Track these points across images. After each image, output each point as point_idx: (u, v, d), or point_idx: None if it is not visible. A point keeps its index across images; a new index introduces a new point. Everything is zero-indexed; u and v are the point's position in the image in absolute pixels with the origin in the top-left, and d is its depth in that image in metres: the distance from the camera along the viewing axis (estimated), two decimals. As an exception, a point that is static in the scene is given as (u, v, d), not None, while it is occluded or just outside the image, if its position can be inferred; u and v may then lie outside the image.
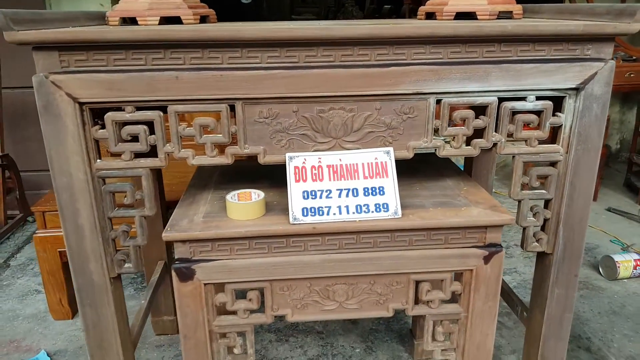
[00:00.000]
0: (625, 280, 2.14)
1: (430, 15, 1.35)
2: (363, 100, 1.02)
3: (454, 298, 1.10)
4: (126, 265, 1.11)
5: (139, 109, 1.00)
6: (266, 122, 1.03)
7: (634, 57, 3.00)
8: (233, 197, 1.06)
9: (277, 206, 1.09)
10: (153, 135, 1.01)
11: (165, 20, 1.15)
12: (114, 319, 1.13)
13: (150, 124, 1.00)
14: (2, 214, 2.66)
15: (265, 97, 1.00)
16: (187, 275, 1.01)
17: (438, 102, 1.04)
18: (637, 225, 2.68)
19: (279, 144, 1.04)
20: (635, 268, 2.14)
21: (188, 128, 1.01)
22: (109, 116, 0.99)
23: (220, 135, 1.02)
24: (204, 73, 0.97)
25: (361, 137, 1.05)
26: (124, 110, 0.99)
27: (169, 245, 1.71)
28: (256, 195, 1.07)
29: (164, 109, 1.00)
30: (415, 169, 1.29)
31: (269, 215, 1.05)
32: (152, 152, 1.02)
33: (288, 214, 1.03)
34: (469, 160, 1.59)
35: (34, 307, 1.98)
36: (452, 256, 1.05)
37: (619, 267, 2.13)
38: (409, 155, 1.07)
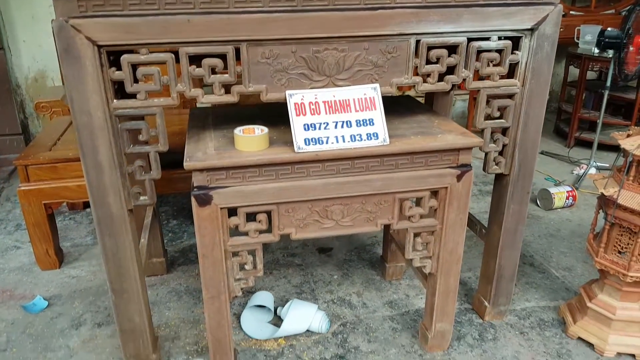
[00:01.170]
0: (559, 210, 2.45)
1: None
2: (353, 41, 1.16)
3: (431, 213, 1.29)
4: (141, 198, 1.22)
5: (152, 52, 1.08)
6: (268, 62, 1.14)
7: (564, 13, 3.29)
8: (240, 131, 1.18)
9: (277, 140, 1.22)
10: (166, 76, 1.11)
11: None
12: (132, 247, 1.24)
13: (163, 68, 1.10)
14: (-39, 177, 2.60)
15: (268, 39, 1.12)
16: (205, 200, 1.13)
17: (417, 42, 1.20)
18: (567, 165, 3.02)
19: (279, 82, 1.17)
20: (567, 198, 2.46)
21: (198, 69, 1.11)
22: (125, 58, 1.07)
23: (227, 75, 1.13)
24: (213, 16, 1.07)
25: (351, 75, 1.20)
26: (138, 52, 1.08)
27: (159, 189, 1.81)
28: (259, 130, 1.19)
29: (174, 53, 1.10)
30: (392, 109, 1.45)
31: (273, 147, 1.18)
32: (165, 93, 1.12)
33: (289, 145, 1.17)
34: (429, 103, 1.78)
35: (17, 260, 2.02)
36: (430, 176, 1.23)
37: (554, 198, 2.43)
38: (393, 90, 1.23)
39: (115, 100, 1.10)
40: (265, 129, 1.18)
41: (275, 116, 1.37)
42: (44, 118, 3.25)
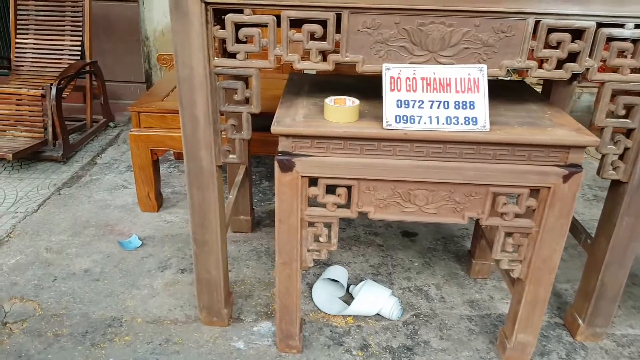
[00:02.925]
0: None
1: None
2: (464, 16, 1.07)
3: (527, 213, 1.18)
4: (230, 156, 1.25)
5: (255, 14, 1.09)
6: (368, 32, 1.09)
7: None
8: (331, 101, 1.15)
9: (368, 114, 1.18)
10: (265, 39, 1.11)
11: None
12: (217, 201, 1.28)
13: (263, 31, 1.10)
14: (89, 118, 2.89)
15: (372, 7, 1.06)
16: (287, 166, 1.13)
17: (536, 23, 1.08)
18: None
19: (377, 54, 1.12)
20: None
21: (297, 34, 1.10)
22: (230, 17, 1.08)
23: (325, 42, 1.10)
24: (318, -20, 1.04)
25: (456, 53, 1.11)
26: (242, 12, 1.08)
27: (254, 149, 1.87)
28: (351, 101, 1.16)
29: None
30: (499, 93, 1.34)
31: (362, 120, 1.14)
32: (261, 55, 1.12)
33: (380, 120, 1.12)
34: (546, 94, 1.61)
35: (122, 199, 2.21)
36: (532, 172, 1.11)
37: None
38: (502, 73, 1.12)
39: (216, 58, 1.13)
40: (357, 101, 1.14)
41: (372, 89, 1.32)
42: (164, 70, 3.48)
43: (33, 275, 1.67)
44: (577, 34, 1.09)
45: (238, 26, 1.11)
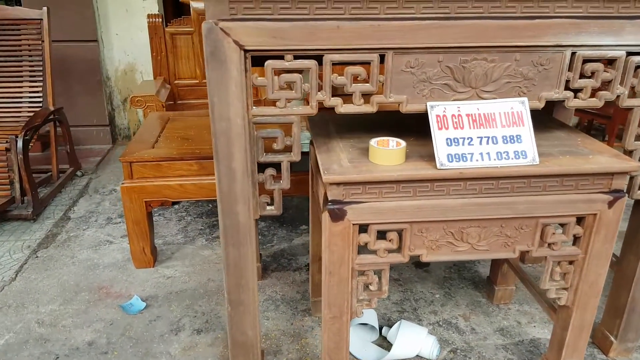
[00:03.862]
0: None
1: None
2: (505, 51, 1.07)
3: (574, 240, 1.18)
4: (268, 207, 1.18)
5: (296, 57, 1.04)
6: (412, 71, 1.07)
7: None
8: (375, 143, 1.11)
9: (411, 153, 1.15)
10: (307, 84, 1.06)
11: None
12: (253, 257, 1.20)
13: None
14: (55, 169, 2.69)
15: (415, 47, 1.05)
16: (338, 215, 1.07)
17: (572, 55, 1.10)
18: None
19: (421, 93, 1.10)
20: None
21: (340, 77, 1.06)
22: (269, 64, 1.03)
23: (368, 84, 1.07)
24: (362, 23, 1.01)
25: (498, 87, 1.11)
26: (283, 58, 1.03)
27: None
28: (394, 142, 1.12)
29: (316, 58, 1.04)
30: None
31: (409, 161, 1.11)
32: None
33: (426, 160, 1.10)
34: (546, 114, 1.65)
35: (110, 256, 2.05)
36: (579, 201, 1.12)
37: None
38: (540, 105, 1.13)
39: (254, 107, 1.06)
40: (402, 142, 1.11)
41: (398, 124, 1.30)
42: (130, 110, 3.33)
43: (30, 356, 1.49)
44: (607, 63, 1.12)
45: (278, 72, 1.05)
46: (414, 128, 1.26)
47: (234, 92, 1.03)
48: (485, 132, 1.09)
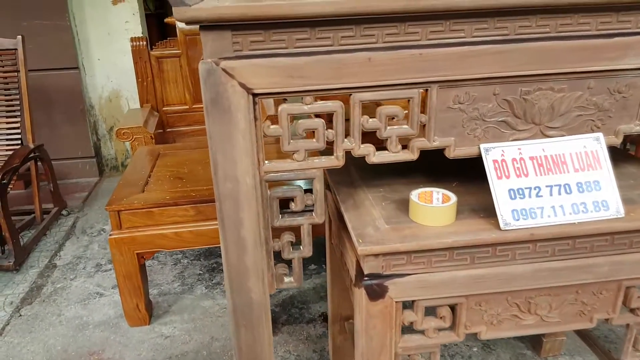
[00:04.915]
0: None
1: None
2: (576, 78, 0.86)
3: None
4: (287, 279, 0.95)
5: (316, 99, 0.82)
6: (460, 108, 0.86)
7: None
8: (416, 197, 0.90)
9: (459, 205, 0.93)
10: (330, 130, 0.84)
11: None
12: (270, 339, 0.98)
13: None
14: (38, 210, 2.46)
15: (466, 79, 0.83)
16: (378, 293, 0.85)
17: (655, 78, 0.89)
18: None
19: (472, 133, 0.88)
20: None
21: (372, 119, 0.84)
22: (285, 109, 0.81)
23: (407, 126, 0.86)
24: (400, 52, 0.80)
25: (567, 122, 0.90)
26: (301, 101, 0.81)
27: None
28: (439, 195, 0.91)
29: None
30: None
31: (461, 218, 0.89)
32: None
33: (480, 214, 0.89)
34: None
35: (101, 312, 1.81)
36: (671, 257, 0.91)
37: None
38: (618, 141, 0.92)
39: (267, 162, 0.84)
40: (452, 197, 0.89)
41: (429, 164, 1.09)
42: (116, 141, 3.10)
43: None
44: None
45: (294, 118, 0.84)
46: (453, 168, 1.04)
47: (241, 147, 0.81)
48: (555, 179, 0.88)
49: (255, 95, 0.79)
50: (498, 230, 0.85)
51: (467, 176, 1.03)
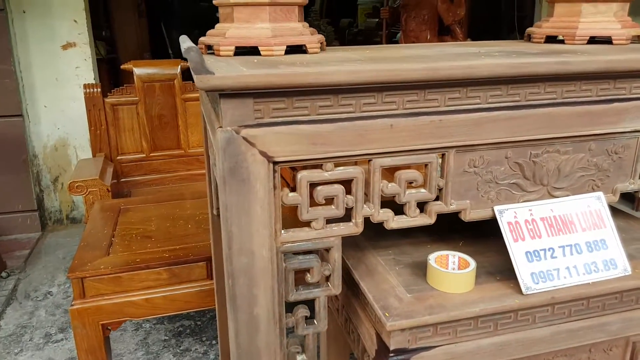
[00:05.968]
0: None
1: (551, 39, 1.24)
2: (579, 141, 0.89)
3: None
4: (299, 358, 0.89)
5: (336, 165, 0.79)
6: (475, 172, 0.86)
7: None
8: (434, 262, 0.87)
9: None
10: (350, 196, 0.81)
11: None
12: None
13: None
14: (-27, 272, 2.21)
15: (481, 144, 0.84)
16: (404, 368, 0.81)
17: (646, 139, 0.94)
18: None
19: (486, 196, 0.88)
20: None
21: (391, 184, 0.82)
22: (305, 177, 0.77)
23: (425, 190, 0.84)
24: (421, 119, 0.79)
25: (572, 183, 0.92)
26: (321, 168, 0.78)
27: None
28: (455, 258, 0.89)
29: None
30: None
31: (480, 283, 0.88)
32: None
33: (498, 279, 0.88)
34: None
35: (54, 390, 1.63)
36: (672, 310, 0.94)
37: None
38: (615, 199, 0.96)
39: (283, 232, 0.79)
40: (472, 262, 0.88)
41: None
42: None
43: None
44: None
45: (312, 185, 0.80)
46: (452, 225, 1.03)
47: (259, 218, 0.76)
48: (566, 239, 0.89)
49: (275, 163, 0.74)
50: (520, 295, 0.84)
51: (471, 231, 1.03)
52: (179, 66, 2.46)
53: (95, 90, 2.35)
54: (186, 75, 2.47)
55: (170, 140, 2.54)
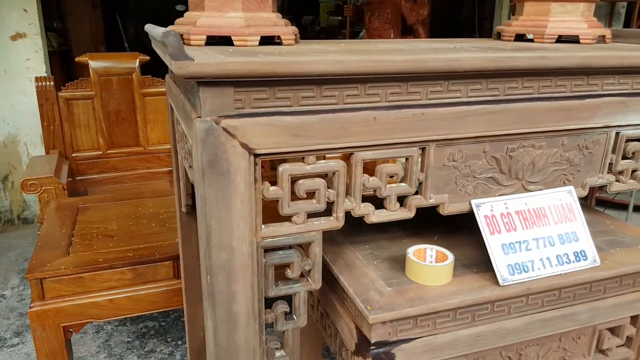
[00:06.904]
0: None
1: (519, 37, 1.27)
2: (553, 136, 0.91)
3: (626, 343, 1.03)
4: (278, 354, 0.87)
5: (318, 158, 0.78)
6: (454, 165, 0.86)
7: None
8: (413, 255, 0.87)
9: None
10: (331, 191, 0.79)
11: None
12: None
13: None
14: None
15: (461, 138, 0.84)
16: (385, 362, 0.80)
17: (616, 135, 0.97)
18: None
19: (464, 190, 0.89)
20: None
21: (372, 179, 0.81)
22: (286, 170, 0.75)
23: (405, 184, 0.84)
24: (403, 112, 0.78)
25: (545, 177, 0.94)
26: (302, 161, 0.76)
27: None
28: (433, 252, 0.90)
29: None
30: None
31: (457, 276, 0.89)
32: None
33: (475, 271, 0.89)
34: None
35: (7, 398, 1.54)
36: (636, 300, 0.98)
37: None
38: (584, 193, 0.98)
39: (264, 227, 0.77)
40: (449, 255, 0.88)
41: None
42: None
43: None
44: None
45: (293, 179, 0.78)
46: (426, 219, 1.03)
47: (239, 212, 0.73)
48: (540, 231, 0.91)
49: (256, 155, 0.72)
50: (497, 287, 0.85)
51: (443, 227, 1.04)
52: (137, 59, 2.38)
53: (48, 83, 2.24)
54: (145, 69, 2.39)
55: (128, 137, 2.44)
